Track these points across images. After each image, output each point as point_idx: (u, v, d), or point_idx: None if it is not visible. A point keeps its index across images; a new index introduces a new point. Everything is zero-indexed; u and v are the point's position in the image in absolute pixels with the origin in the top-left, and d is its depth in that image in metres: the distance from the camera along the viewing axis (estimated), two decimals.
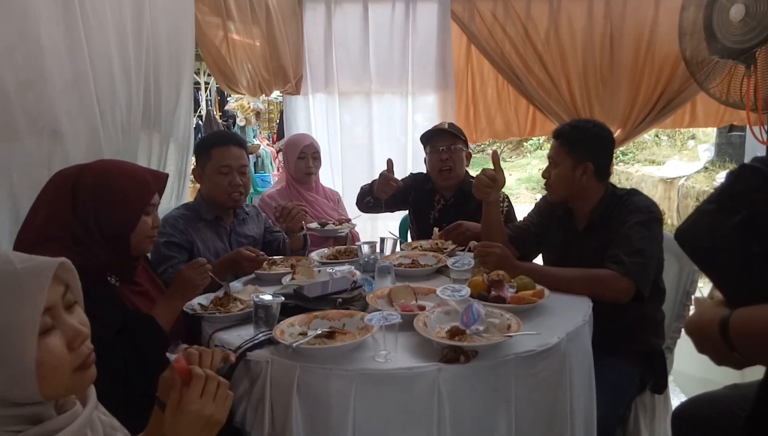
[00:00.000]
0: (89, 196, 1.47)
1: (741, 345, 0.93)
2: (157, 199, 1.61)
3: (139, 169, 1.64)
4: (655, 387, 2.07)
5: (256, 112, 9.97)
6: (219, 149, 2.21)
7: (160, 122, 2.42)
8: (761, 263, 0.93)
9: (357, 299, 1.71)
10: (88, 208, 1.47)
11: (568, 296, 1.77)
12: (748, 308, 0.93)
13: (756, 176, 0.96)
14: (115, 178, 1.52)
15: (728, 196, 0.99)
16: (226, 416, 1.01)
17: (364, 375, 1.32)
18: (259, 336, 1.49)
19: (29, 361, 0.79)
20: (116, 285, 1.56)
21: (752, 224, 0.94)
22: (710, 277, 1.06)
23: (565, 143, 2.02)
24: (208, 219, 2.23)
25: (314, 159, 2.84)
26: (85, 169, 1.53)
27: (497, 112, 3.82)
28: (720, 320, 0.95)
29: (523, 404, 1.40)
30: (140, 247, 1.58)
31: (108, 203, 1.48)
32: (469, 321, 1.42)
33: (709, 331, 0.98)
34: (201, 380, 0.99)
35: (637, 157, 10.03)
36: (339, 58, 3.57)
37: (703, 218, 1.03)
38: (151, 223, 1.59)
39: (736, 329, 0.93)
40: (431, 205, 2.75)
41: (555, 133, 2.10)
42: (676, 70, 3.43)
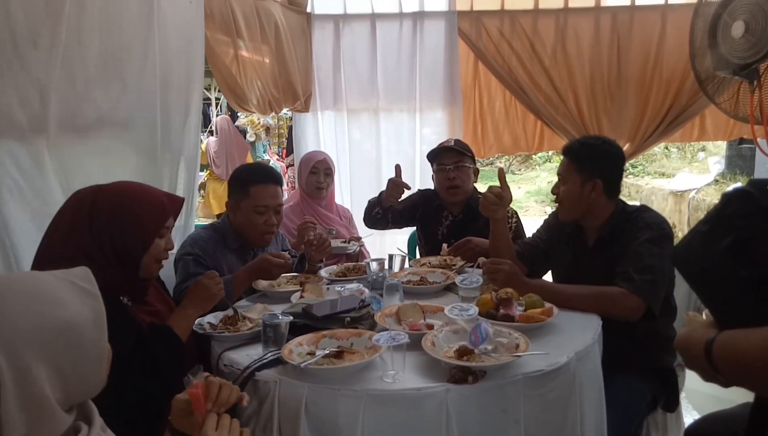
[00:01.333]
0: (105, 217, 1.49)
1: (723, 368, 0.95)
2: (171, 223, 1.62)
3: (155, 191, 1.65)
4: (667, 405, 2.05)
5: (266, 127, 10.05)
6: (258, 187, 2.17)
7: (170, 141, 2.44)
8: (746, 289, 0.94)
9: (365, 318, 1.71)
10: (104, 228, 1.48)
11: (577, 314, 1.76)
12: (733, 332, 0.94)
13: (746, 201, 0.97)
14: (130, 200, 1.54)
15: (719, 219, 1.00)
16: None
17: (373, 396, 1.32)
18: (267, 356, 1.49)
19: (104, 352, 0.89)
20: (128, 305, 1.57)
21: (739, 248, 0.94)
22: (701, 298, 1.07)
23: (574, 160, 2.02)
24: (233, 247, 2.23)
25: (326, 175, 2.86)
26: (103, 190, 1.54)
27: (505, 127, 3.83)
28: (705, 341, 0.97)
29: (533, 424, 1.38)
30: (149, 269, 1.58)
31: (123, 224, 1.50)
32: (477, 340, 1.41)
33: (695, 350, 1.00)
34: (213, 417, 1.02)
35: (646, 169, 9.98)
36: (347, 76, 3.61)
37: (696, 239, 1.04)
38: (164, 245, 1.60)
39: (719, 352, 0.94)
40: (439, 221, 2.75)
41: (564, 149, 2.10)
42: (684, 84, 3.43)
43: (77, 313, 0.85)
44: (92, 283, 0.91)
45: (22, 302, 0.81)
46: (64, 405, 0.83)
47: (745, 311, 0.95)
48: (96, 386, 0.89)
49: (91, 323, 0.86)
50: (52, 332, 0.81)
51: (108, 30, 2.07)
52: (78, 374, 0.84)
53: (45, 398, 0.79)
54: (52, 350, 0.81)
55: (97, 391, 0.90)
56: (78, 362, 0.84)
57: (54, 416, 0.81)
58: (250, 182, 2.19)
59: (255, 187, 2.18)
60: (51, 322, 0.82)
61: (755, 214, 0.95)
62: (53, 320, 0.82)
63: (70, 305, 0.85)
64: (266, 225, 2.19)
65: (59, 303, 0.84)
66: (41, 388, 0.79)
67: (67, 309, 0.84)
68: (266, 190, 2.19)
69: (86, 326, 0.85)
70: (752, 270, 0.92)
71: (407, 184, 2.57)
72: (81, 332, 0.84)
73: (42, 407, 0.79)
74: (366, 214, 2.81)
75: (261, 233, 2.20)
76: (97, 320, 0.88)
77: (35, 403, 0.79)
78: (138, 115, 2.24)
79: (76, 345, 0.84)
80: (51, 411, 0.80)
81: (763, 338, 0.87)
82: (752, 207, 0.95)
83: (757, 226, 0.94)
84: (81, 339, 0.84)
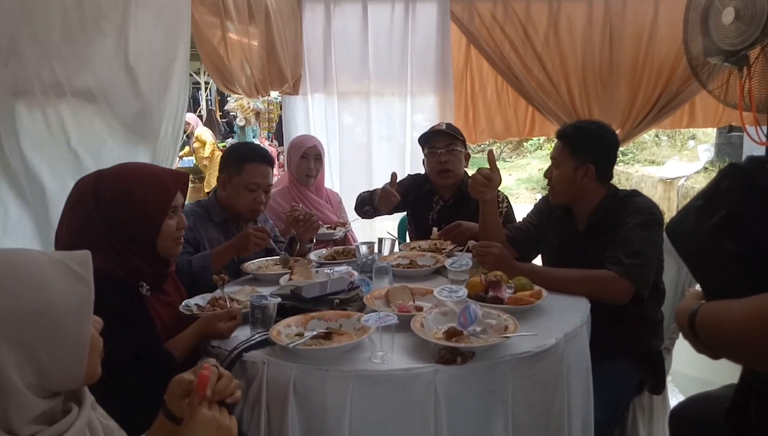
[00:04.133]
0: (110, 205, 1.46)
1: (703, 338, 0.99)
2: (180, 200, 1.58)
3: (158, 170, 1.61)
4: (654, 388, 2.07)
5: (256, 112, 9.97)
6: (252, 166, 2.21)
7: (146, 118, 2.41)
8: (734, 263, 0.96)
9: (354, 300, 1.70)
10: (111, 215, 1.46)
11: (566, 297, 1.77)
12: (714, 303, 0.97)
13: (740, 177, 0.98)
14: (132, 184, 1.50)
15: (713, 194, 1.02)
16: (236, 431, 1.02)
17: (361, 376, 1.32)
18: (255, 337, 1.49)
19: (86, 341, 0.85)
20: (146, 296, 1.55)
21: (729, 223, 0.96)
22: (692, 271, 1.10)
23: (568, 144, 2.01)
24: (218, 221, 2.25)
25: (316, 160, 2.84)
26: (104, 176, 1.51)
27: (497, 112, 3.82)
28: (690, 312, 1.00)
29: (520, 405, 1.39)
30: (167, 250, 1.56)
31: (129, 211, 1.47)
32: (467, 322, 1.41)
33: (681, 320, 1.03)
34: None
35: (637, 157, 10.03)
36: (338, 59, 3.56)
37: (690, 213, 1.05)
38: (176, 224, 1.57)
39: (700, 322, 0.98)
40: (430, 206, 2.75)
41: (558, 133, 2.08)
42: (676, 71, 3.43)
43: (59, 298, 0.82)
44: (87, 268, 0.88)
45: (1, 281, 0.79)
46: (38, 391, 0.81)
47: (731, 284, 0.96)
48: (78, 376, 0.86)
49: (74, 309, 0.84)
50: (25, 316, 0.79)
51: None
52: (55, 361, 0.82)
53: (8, 380, 0.77)
54: (24, 334, 0.78)
55: (81, 381, 0.87)
56: (54, 348, 0.81)
57: (20, 400, 0.78)
58: (246, 160, 2.22)
59: (249, 165, 2.21)
60: (26, 305, 0.79)
61: (748, 191, 0.96)
62: (29, 303, 0.79)
63: (54, 289, 0.82)
64: (255, 203, 2.24)
65: (41, 286, 0.81)
66: (4, 371, 0.76)
67: (49, 293, 0.81)
68: (259, 169, 2.23)
69: (66, 313, 0.82)
70: (740, 245, 0.94)
71: (398, 197, 2.58)
72: (59, 318, 0.82)
73: (4, 389, 0.77)
74: (357, 207, 2.82)
75: (249, 209, 2.25)
76: (81, 306, 0.85)
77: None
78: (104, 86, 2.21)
79: (51, 331, 0.81)
80: (16, 395, 0.78)
81: (741, 310, 0.89)
82: (745, 184, 0.97)
83: (748, 203, 0.95)
84: (58, 325, 0.82)
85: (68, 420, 0.86)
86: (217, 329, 1.55)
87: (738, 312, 0.89)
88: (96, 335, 0.90)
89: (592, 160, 1.97)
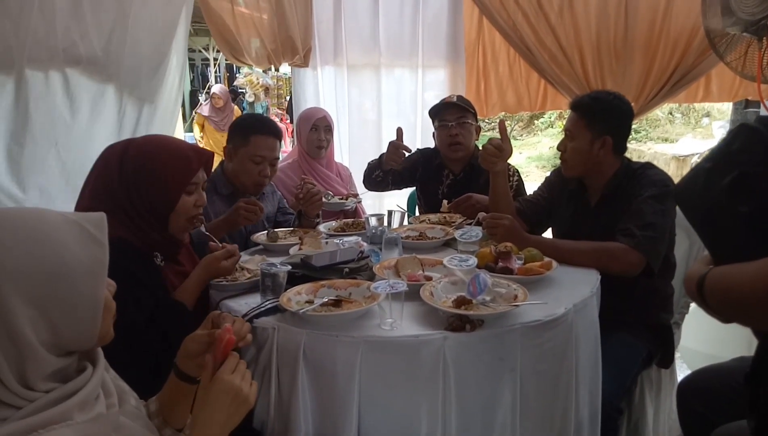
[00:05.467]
0: (132, 174, 1.47)
1: (713, 302, 0.97)
2: (201, 177, 1.57)
3: (183, 145, 1.60)
4: (662, 362, 2.07)
5: (266, 87, 9.93)
6: (258, 137, 2.19)
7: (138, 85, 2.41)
8: (746, 224, 0.94)
9: (364, 269, 1.71)
10: (131, 185, 1.47)
11: (576, 269, 1.77)
12: (723, 267, 0.96)
13: (752, 137, 0.95)
14: (155, 155, 1.50)
15: (723, 155, 0.99)
16: (254, 399, 1.02)
17: (370, 342, 1.33)
18: (265, 304, 1.50)
19: (100, 301, 0.86)
20: (161, 265, 1.56)
21: (741, 184, 0.93)
22: (700, 235, 1.08)
23: (584, 116, 1.97)
24: (225, 193, 2.24)
25: (326, 132, 2.81)
26: (132, 145, 1.52)
27: (508, 86, 3.76)
28: (698, 276, 0.99)
29: (529, 373, 1.40)
30: (179, 227, 1.56)
31: (148, 181, 1.48)
32: (476, 291, 1.41)
33: (689, 285, 1.02)
34: (235, 359, 1.01)
35: (650, 135, 9.90)
36: (348, 30, 3.51)
37: (699, 175, 1.02)
38: (194, 202, 1.56)
39: (709, 286, 0.97)
40: (440, 180, 2.73)
41: (573, 104, 2.03)
42: (692, 43, 3.35)
43: (73, 257, 0.83)
44: (102, 230, 0.88)
45: (15, 238, 0.80)
46: (53, 349, 0.82)
47: (742, 246, 0.95)
48: (91, 336, 0.87)
49: (87, 270, 0.84)
50: (40, 274, 0.80)
51: None
52: (68, 319, 0.83)
53: (22, 335, 0.78)
54: (38, 291, 0.79)
55: (94, 341, 0.88)
56: (68, 307, 0.82)
57: (35, 357, 0.80)
58: (252, 131, 2.20)
59: (255, 137, 2.19)
60: (40, 263, 0.80)
61: (760, 151, 0.93)
62: (43, 261, 0.80)
63: (68, 248, 0.83)
64: (260, 176, 2.22)
65: (55, 246, 0.82)
66: (18, 326, 0.78)
67: (63, 252, 0.82)
68: (266, 141, 2.21)
69: (80, 273, 0.83)
70: (752, 206, 0.92)
71: (408, 147, 2.53)
72: (73, 278, 0.82)
73: (19, 344, 0.78)
74: (366, 176, 2.79)
75: (253, 182, 2.23)
76: (94, 267, 0.85)
77: (11, 339, 0.78)
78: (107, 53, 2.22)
79: (65, 290, 0.82)
80: (31, 351, 0.79)
81: (752, 272, 0.88)
82: (758, 144, 0.94)
83: (761, 163, 0.92)
84: (72, 284, 0.82)
85: (83, 378, 0.87)
86: (220, 268, 1.60)
87: (750, 274, 0.88)
88: (109, 297, 0.91)
89: (609, 131, 1.94)
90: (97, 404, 0.89)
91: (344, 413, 1.33)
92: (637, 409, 2.05)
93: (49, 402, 0.80)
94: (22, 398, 0.79)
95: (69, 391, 0.84)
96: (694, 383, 1.74)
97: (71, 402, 0.82)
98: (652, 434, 2.08)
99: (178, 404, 1.11)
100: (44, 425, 0.78)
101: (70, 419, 0.81)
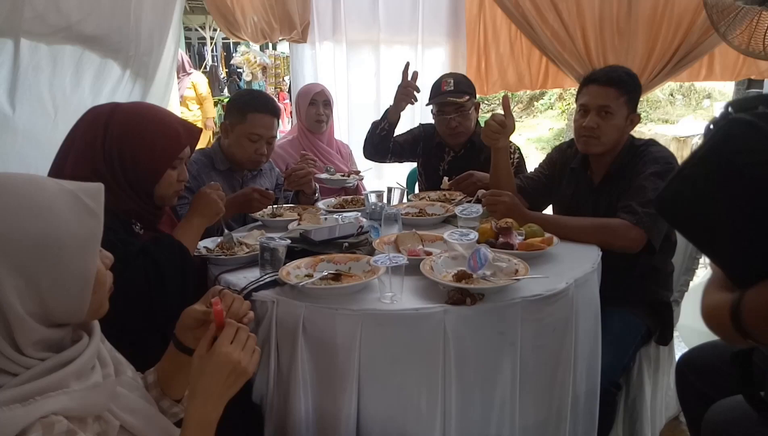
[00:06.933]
0: (117, 140, 1.43)
1: (757, 330, 0.83)
2: (187, 153, 1.55)
3: (173, 118, 1.57)
4: (661, 338, 2.07)
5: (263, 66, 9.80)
6: (255, 115, 2.15)
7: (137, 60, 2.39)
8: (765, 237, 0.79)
9: (363, 244, 1.70)
10: (115, 152, 1.43)
11: (577, 245, 1.76)
12: (760, 289, 0.81)
13: (751, 134, 0.79)
14: (145, 125, 1.46)
15: (718, 158, 0.82)
16: (253, 369, 1.00)
17: (370, 316, 1.32)
18: (264, 277, 1.49)
19: (91, 274, 0.84)
20: (140, 233, 1.54)
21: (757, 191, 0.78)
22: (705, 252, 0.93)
23: (626, 92, 1.93)
24: (222, 169, 2.22)
25: (325, 106, 2.78)
26: (118, 110, 1.47)
27: (509, 63, 3.72)
28: (730, 306, 0.85)
29: (529, 347, 1.39)
30: (164, 199, 1.54)
31: (134, 151, 1.44)
32: (476, 265, 1.40)
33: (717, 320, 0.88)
34: (233, 328, 0.99)
35: (650, 116, 9.84)
36: (347, 5, 3.45)
37: (687, 184, 0.86)
38: (177, 176, 1.54)
39: (751, 314, 0.82)
40: (441, 157, 2.70)
41: (609, 80, 1.93)
42: (696, 21, 3.30)
43: (65, 229, 0.80)
44: (99, 202, 0.85)
45: (4, 205, 0.77)
46: (41, 319, 0.80)
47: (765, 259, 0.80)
48: (80, 309, 0.85)
49: (80, 242, 0.82)
50: (28, 243, 0.77)
51: None
52: (56, 291, 0.80)
53: (7, 304, 0.76)
54: (25, 260, 0.77)
55: (84, 314, 0.86)
56: (57, 279, 0.80)
57: (23, 326, 0.78)
58: (249, 108, 2.16)
59: (252, 115, 2.15)
60: (29, 232, 0.78)
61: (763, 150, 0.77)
62: (33, 230, 0.78)
63: (61, 219, 0.80)
64: (256, 154, 2.19)
65: (47, 214, 0.80)
66: (3, 294, 0.76)
67: (54, 223, 0.80)
68: (263, 119, 2.17)
69: (71, 244, 0.81)
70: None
71: (417, 86, 2.47)
72: (63, 249, 0.80)
73: (4, 312, 0.76)
74: (369, 136, 2.66)
75: (249, 159, 2.20)
76: (88, 239, 0.83)
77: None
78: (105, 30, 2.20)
79: (54, 261, 0.79)
80: (18, 321, 0.77)
81: None
82: (760, 142, 0.78)
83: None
84: (62, 256, 0.80)
85: (78, 348, 0.86)
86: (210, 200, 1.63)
87: None
88: (103, 270, 0.89)
89: (636, 107, 1.97)
90: (93, 374, 0.88)
91: (344, 386, 1.33)
92: (635, 385, 2.05)
93: (45, 370, 0.79)
94: (17, 363, 0.77)
95: (64, 359, 0.83)
96: (692, 359, 1.74)
97: (68, 370, 0.81)
98: (650, 410, 2.09)
99: (177, 375, 1.11)
100: (41, 392, 0.77)
101: (67, 386, 0.80)
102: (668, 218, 0.96)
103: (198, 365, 0.97)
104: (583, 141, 1.99)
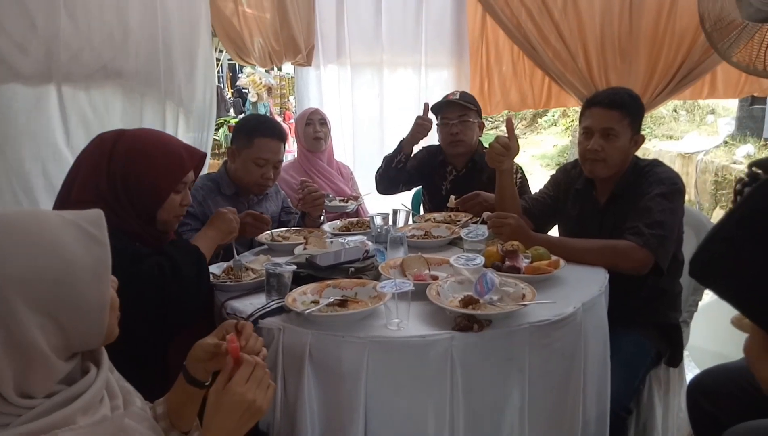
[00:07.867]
0: (121, 167, 1.44)
1: None
2: (190, 178, 1.57)
3: (177, 144, 1.58)
4: (671, 361, 2.05)
5: (268, 87, 9.92)
6: (262, 140, 2.16)
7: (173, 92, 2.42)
8: None
9: (369, 269, 1.70)
10: (119, 176, 1.44)
11: (584, 268, 1.75)
12: None
13: None
14: (149, 150, 1.48)
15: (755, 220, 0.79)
16: (268, 407, 0.99)
17: (377, 343, 1.31)
18: (271, 304, 1.48)
19: (107, 301, 0.85)
20: None
21: None
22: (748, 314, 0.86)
23: (629, 114, 1.93)
24: (228, 194, 2.23)
25: (321, 124, 2.83)
26: (124, 136, 1.49)
27: (512, 84, 3.74)
28: None
29: (537, 373, 1.38)
30: (166, 224, 1.55)
31: (139, 175, 1.45)
32: (483, 290, 1.40)
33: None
34: (250, 366, 0.98)
35: (654, 132, 9.84)
36: (351, 28, 3.49)
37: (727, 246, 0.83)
38: (180, 201, 1.55)
39: None
40: (443, 177, 2.71)
41: (610, 102, 1.93)
42: (698, 40, 3.31)
43: (76, 260, 0.81)
44: (102, 228, 0.86)
45: (16, 245, 0.78)
46: (62, 354, 0.81)
47: None
48: (99, 335, 0.86)
49: (91, 270, 0.82)
50: (46, 280, 0.78)
51: None
52: (76, 323, 0.81)
53: (34, 344, 0.76)
54: (45, 297, 0.78)
55: (102, 340, 0.87)
56: (75, 311, 0.81)
57: (46, 364, 0.78)
58: (257, 133, 2.18)
59: (259, 139, 2.17)
60: (45, 268, 0.78)
61: None
62: (47, 266, 0.78)
63: (70, 251, 0.81)
64: (263, 178, 2.20)
65: (57, 248, 0.80)
66: (29, 334, 0.76)
67: (65, 255, 0.80)
68: (270, 144, 2.18)
69: (84, 275, 0.81)
70: None
71: (430, 119, 2.63)
72: (78, 281, 0.81)
73: (30, 353, 0.76)
74: (384, 171, 2.72)
75: (256, 184, 2.21)
76: (98, 268, 0.84)
77: (22, 349, 0.76)
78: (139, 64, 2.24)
79: (72, 294, 0.80)
80: (42, 359, 0.78)
81: None
82: None
83: None
84: (77, 288, 0.81)
85: (87, 380, 0.86)
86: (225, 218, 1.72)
87: None
88: (114, 294, 0.89)
89: (640, 129, 1.96)
90: (101, 406, 0.88)
91: (351, 414, 1.32)
92: (646, 408, 2.03)
93: (53, 406, 0.79)
94: (21, 407, 0.77)
95: (72, 394, 0.83)
96: (703, 383, 1.71)
97: (75, 406, 0.81)
98: (661, 433, 2.06)
99: (186, 407, 1.10)
100: (46, 430, 0.76)
101: (74, 423, 0.80)
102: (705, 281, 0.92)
103: (214, 401, 0.96)
104: (588, 163, 1.98)
